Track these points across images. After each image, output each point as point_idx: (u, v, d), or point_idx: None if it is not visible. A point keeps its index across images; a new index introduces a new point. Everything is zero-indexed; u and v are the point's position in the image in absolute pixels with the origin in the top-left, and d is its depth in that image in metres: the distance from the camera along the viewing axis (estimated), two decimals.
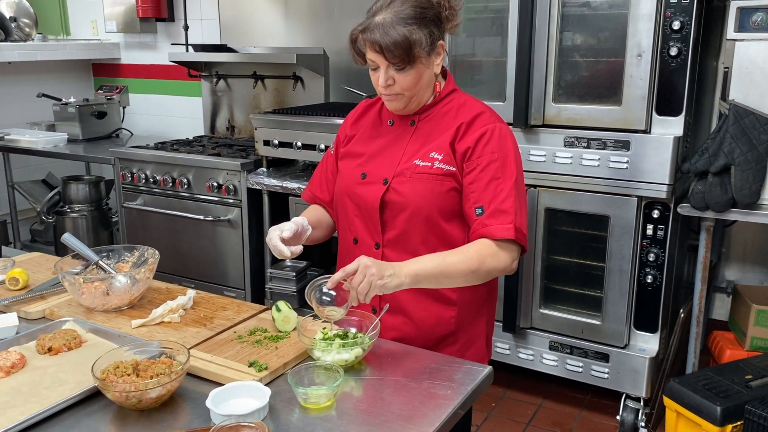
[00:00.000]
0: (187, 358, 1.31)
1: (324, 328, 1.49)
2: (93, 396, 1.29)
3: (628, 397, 2.72)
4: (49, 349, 1.45)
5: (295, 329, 1.53)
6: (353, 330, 1.50)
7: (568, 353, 2.78)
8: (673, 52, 2.40)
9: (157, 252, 1.76)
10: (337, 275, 1.41)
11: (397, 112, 1.65)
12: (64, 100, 4.36)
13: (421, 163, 1.59)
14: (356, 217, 1.67)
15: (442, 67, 1.64)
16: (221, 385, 1.30)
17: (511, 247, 1.55)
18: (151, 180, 3.63)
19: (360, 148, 1.71)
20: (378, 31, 1.49)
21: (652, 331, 2.66)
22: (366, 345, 1.41)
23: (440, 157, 1.58)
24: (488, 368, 1.42)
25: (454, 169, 1.58)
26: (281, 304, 1.57)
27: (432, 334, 1.66)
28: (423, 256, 1.52)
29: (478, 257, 1.51)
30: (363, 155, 1.69)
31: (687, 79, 2.42)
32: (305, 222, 1.67)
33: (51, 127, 4.42)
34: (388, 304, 1.58)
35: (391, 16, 1.50)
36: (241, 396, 1.26)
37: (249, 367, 1.37)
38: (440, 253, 1.53)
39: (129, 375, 1.27)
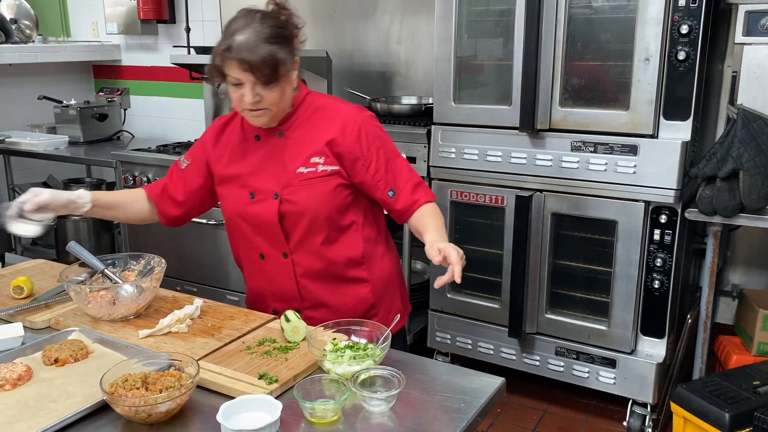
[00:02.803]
0: (197, 371, 1.29)
1: (334, 339, 1.47)
2: (101, 409, 1.27)
3: (634, 402, 2.70)
4: (56, 361, 1.44)
5: (304, 339, 1.51)
6: (363, 341, 1.48)
7: (574, 359, 2.76)
8: (681, 56, 2.38)
9: (163, 260, 1.74)
10: (456, 269, 1.46)
11: (263, 126, 1.70)
12: (64, 102, 4.33)
13: (306, 170, 1.69)
14: (256, 235, 1.75)
15: None
16: (231, 398, 1.28)
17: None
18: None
19: (235, 170, 1.76)
20: (244, 49, 1.55)
21: (659, 336, 2.64)
22: (377, 357, 1.39)
23: (322, 160, 1.69)
24: (501, 380, 1.41)
25: (337, 167, 1.70)
26: (290, 313, 1.55)
27: (355, 314, 1.76)
28: (431, 225, 1.65)
29: (440, 212, 1.75)
30: (241, 176, 1.75)
31: (695, 83, 2.40)
32: (82, 196, 1.77)
33: (52, 130, 4.40)
34: (399, 315, 1.57)
35: (255, 36, 1.56)
36: (252, 410, 1.24)
37: (259, 379, 1.35)
38: (432, 218, 1.69)
39: (138, 388, 1.25)
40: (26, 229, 1.64)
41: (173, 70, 4.34)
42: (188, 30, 4.23)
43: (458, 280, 1.45)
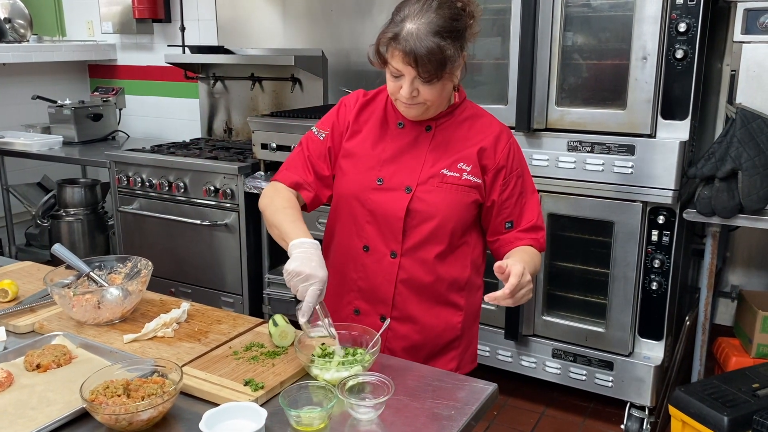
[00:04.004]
0: (180, 378, 1.26)
1: (323, 344, 1.44)
2: (82, 417, 1.24)
3: (632, 405, 2.67)
4: (38, 366, 1.40)
5: (292, 344, 1.48)
6: (346, 344, 1.45)
7: (571, 361, 2.73)
8: (679, 54, 2.35)
9: (150, 263, 1.70)
10: (512, 281, 1.37)
11: (413, 118, 1.58)
12: (59, 102, 4.30)
13: (449, 173, 1.57)
14: (369, 224, 1.60)
15: None
16: (216, 405, 1.25)
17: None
18: (147, 184, 3.58)
19: (367, 150, 1.61)
20: (412, 41, 1.40)
21: (657, 338, 2.61)
22: (366, 362, 1.36)
23: (468, 169, 1.57)
24: (493, 386, 1.37)
25: (479, 181, 1.58)
26: (278, 318, 1.51)
27: (439, 340, 1.65)
28: (520, 257, 1.53)
29: (539, 261, 1.63)
30: (373, 158, 1.60)
31: (693, 82, 2.37)
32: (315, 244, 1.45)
33: (46, 130, 4.37)
34: (389, 319, 1.53)
35: (426, 26, 1.41)
36: (236, 417, 1.20)
37: (245, 386, 1.31)
38: (525, 253, 1.57)
39: (119, 396, 1.21)
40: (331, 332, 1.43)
41: (168, 69, 4.31)
42: (183, 29, 4.20)
43: (507, 291, 1.35)
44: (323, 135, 1.66)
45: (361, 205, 1.60)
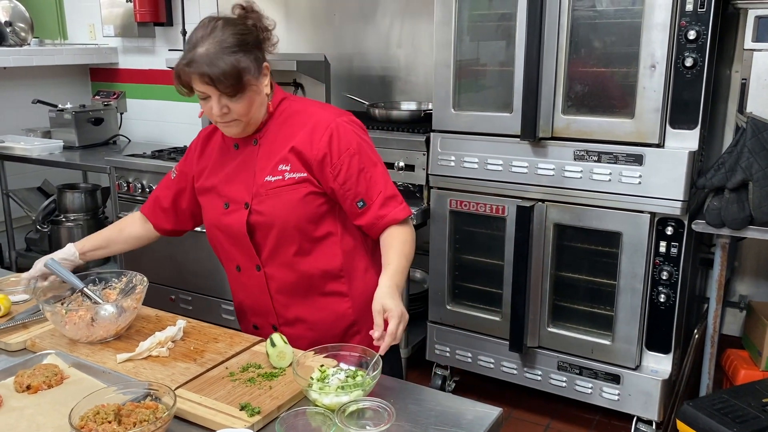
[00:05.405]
0: (174, 402, 1.21)
1: (322, 366, 1.39)
2: None
3: (639, 420, 2.62)
4: (28, 387, 1.36)
5: (291, 365, 1.43)
6: (353, 368, 1.40)
7: (577, 374, 2.68)
8: (689, 62, 2.30)
9: (145, 279, 1.66)
10: (387, 341, 1.42)
11: (237, 136, 1.65)
12: (60, 106, 4.26)
13: (273, 179, 1.63)
14: (232, 246, 1.70)
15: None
16: (210, 431, 1.20)
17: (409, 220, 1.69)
18: (147, 189, 3.53)
19: (215, 180, 1.72)
20: (204, 63, 1.49)
21: (665, 351, 2.56)
22: (367, 386, 1.31)
23: (288, 168, 1.63)
24: (498, 411, 1.32)
25: (305, 174, 1.62)
26: (276, 337, 1.47)
27: (335, 330, 1.72)
28: (392, 262, 1.57)
29: (411, 239, 1.64)
30: (218, 185, 1.71)
31: (702, 90, 2.31)
32: (69, 254, 1.78)
33: (47, 134, 4.33)
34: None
35: (215, 47, 1.50)
36: None
37: (240, 410, 1.27)
38: (396, 250, 1.59)
39: (110, 422, 1.17)
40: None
41: (170, 73, 4.23)
42: (184, 33, 4.15)
43: (381, 353, 1.40)
44: (174, 175, 1.84)
45: (219, 231, 1.71)
